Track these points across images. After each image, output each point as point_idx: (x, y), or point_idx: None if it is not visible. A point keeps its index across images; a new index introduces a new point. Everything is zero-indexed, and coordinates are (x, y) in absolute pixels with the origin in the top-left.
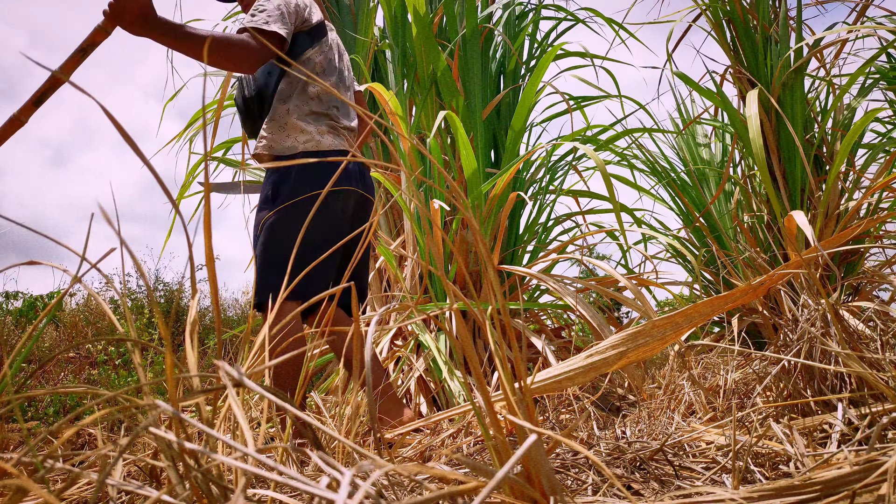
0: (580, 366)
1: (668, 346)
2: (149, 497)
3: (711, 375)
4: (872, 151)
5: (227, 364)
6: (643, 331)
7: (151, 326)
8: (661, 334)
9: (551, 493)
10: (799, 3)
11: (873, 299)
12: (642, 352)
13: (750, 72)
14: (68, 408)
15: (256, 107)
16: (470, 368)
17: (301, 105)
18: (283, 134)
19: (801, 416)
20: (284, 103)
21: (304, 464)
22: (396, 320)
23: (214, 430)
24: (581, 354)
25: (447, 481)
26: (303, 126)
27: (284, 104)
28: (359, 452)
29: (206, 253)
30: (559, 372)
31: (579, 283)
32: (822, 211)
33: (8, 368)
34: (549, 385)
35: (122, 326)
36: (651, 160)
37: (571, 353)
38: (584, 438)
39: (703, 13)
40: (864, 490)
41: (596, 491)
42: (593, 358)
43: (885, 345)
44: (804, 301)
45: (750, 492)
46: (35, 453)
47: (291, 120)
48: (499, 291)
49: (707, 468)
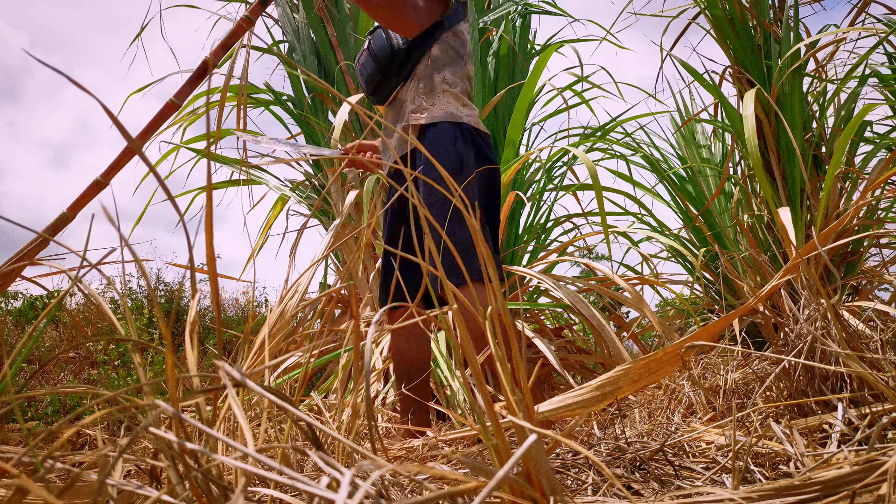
0: (592, 395)
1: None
2: (149, 497)
3: (711, 375)
4: (872, 150)
5: (227, 364)
6: (655, 359)
7: (151, 326)
8: (671, 360)
9: (551, 493)
10: (796, 1)
11: (873, 299)
12: (654, 377)
13: (749, 71)
14: (68, 408)
15: (399, 64)
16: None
17: (456, 81)
18: (443, 100)
19: (801, 416)
20: (439, 72)
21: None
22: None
23: (214, 430)
24: (593, 382)
25: (447, 481)
26: (464, 100)
27: (439, 72)
28: (359, 452)
29: (208, 253)
30: (571, 400)
31: (579, 283)
32: (821, 210)
33: (8, 368)
34: (560, 411)
35: (122, 326)
36: (650, 158)
37: (572, 352)
38: (584, 438)
39: (703, 12)
40: (864, 490)
41: (596, 491)
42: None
43: (885, 345)
44: (804, 301)
45: (750, 492)
46: (35, 453)
47: (450, 90)
48: (499, 291)
49: (707, 468)
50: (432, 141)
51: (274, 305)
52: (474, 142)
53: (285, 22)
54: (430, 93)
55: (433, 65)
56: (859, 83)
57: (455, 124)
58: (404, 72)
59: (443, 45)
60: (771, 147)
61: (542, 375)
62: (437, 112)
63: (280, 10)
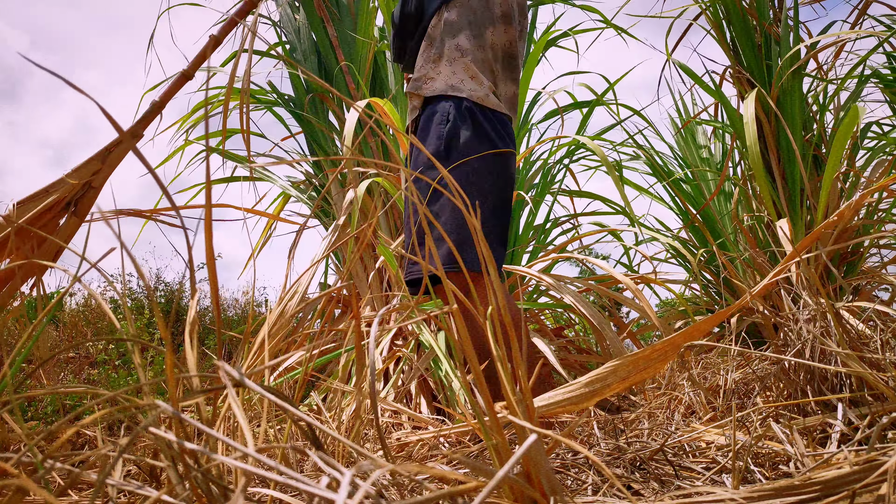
0: (581, 392)
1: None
2: (149, 497)
3: (711, 375)
4: (872, 152)
5: (226, 364)
6: (644, 355)
7: (151, 326)
8: (661, 356)
9: (551, 493)
10: (795, 3)
11: (873, 299)
12: (644, 374)
13: (749, 72)
14: (68, 408)
15: (413, 24)
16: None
17: (471, 49)
18: (449, 70)
19: (801, 416)
20: (453, 37)
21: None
22: (397, 320)
23: (214, 430)
24: (582, 379)
25: (447, 481)
26: (474, 72)
27: (453, 38)
28: (359, 452)
29: (207, 252)
30: (561, 397)
31: (579, 282)
32: (820, 211)
33: (8, 368)
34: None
35: (122, 326)
36: (650, 159)
37: (572, 352)
38: (585, 438)
39: (704, 13)
40: (864, 490)
41: (596, 491)
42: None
43: (885, 345)
44: (804, 301)
45: (750, 492)
46: (35, 453)
47: (461, 59)
48: (499, 291)
49: (707, 468)
50: (425, 120)
51: (274, 305)
52: (474, 120)
53: (286, 22)
54: (438, 60)
55: (448, 29)
56: (858, 83)
57: (453, 99)
58: (418, 31)
59: (461, 6)
60: (771, 147)
61: (542, 375)
62: (438, 84)
63: (280, 11)
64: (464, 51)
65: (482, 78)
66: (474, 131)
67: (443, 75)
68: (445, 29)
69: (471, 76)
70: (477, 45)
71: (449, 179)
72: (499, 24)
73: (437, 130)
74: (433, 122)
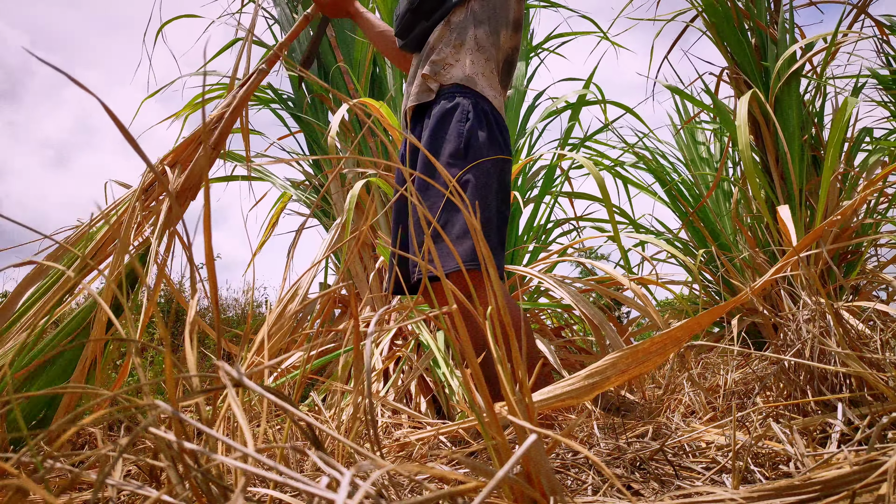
0: (581, 385)
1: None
2: (149, 497)
3: (711, 375)
4: (871, 152)
5: (226, 364)
6: (642, 348)
7: (151, 326)
8: (660, 350)
9: (551, 493)
10: (791, 4)
11: (873, 299)
12: (642, 367)
13: (745, 73)
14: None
15: (431, 5)
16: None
17: (486, 45)
18: (468, 60)
19: (801, 416)
20: (475, 27)
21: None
22: (396, 320)
23: (214, 430)
24: (581, 372)
25: (447, 481)
26: (490, 69)
27: (475, 28)
28: (359, 452)
29: (206, 252)
30: (561, 391)
31: (580, 282)
32: (819, 211)
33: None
34: (550, 402)
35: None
36: (649, 164)
37: (572, 352)
38: (585, 438)
39: (700, 14)
40: (864, 490)
41: (596, 491)
42: (594, 378)
43: (885, 345)
44: (804, 301)
45: (750, 492)
46: (35, 453)
47: (479, 52)
48: (499, 291)
49: (707, 468)
50: (443, 113)
51: (274, 305)
52: (488, 122)
53: (284, 22)
54: (459, 47)
55: (472, 18)
56: (855, 85)
57: (470, 95)
58: (435, 16)
59: (485, 1)
60: (769, 148)
61: (543, 375)
62: (457, 72)
63: (279, 10)
64: (482, 46)
65: (495, 79)
66: (489, 133)
67: (461, 63)
68: (469, 17)
69: (488, 74)
70: (492, 43)
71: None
72: (510, 28)
73: (458, 128)
74: (453, 117)
